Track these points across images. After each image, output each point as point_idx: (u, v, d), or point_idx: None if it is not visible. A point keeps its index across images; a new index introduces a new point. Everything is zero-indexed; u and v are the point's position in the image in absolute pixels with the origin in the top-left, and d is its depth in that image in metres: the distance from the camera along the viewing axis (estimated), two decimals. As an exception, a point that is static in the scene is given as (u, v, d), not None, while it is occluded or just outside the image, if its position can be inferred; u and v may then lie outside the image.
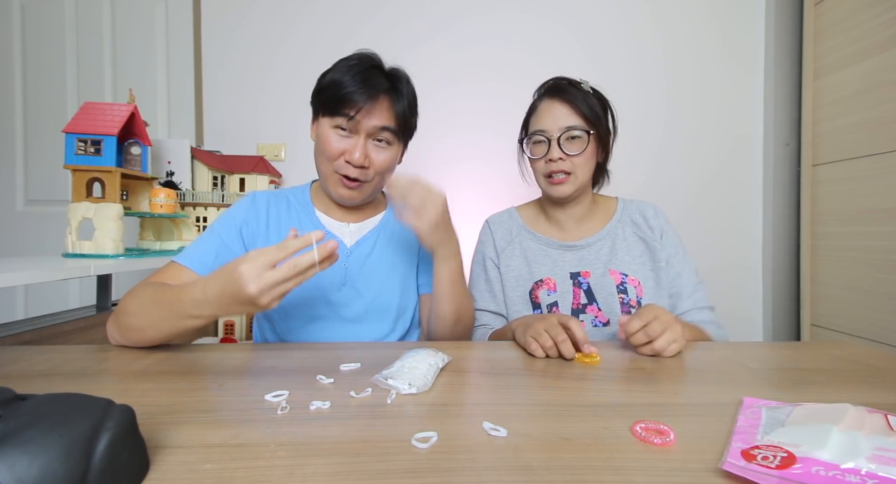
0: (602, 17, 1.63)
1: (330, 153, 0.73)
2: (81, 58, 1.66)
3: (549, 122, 0.81)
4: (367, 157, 0.73)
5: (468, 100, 1.61)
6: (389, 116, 0.74)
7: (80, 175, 0.97)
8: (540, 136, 0.81)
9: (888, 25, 1.24)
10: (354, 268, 0.79)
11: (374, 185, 0.78)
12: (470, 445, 0.35)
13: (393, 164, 0.79)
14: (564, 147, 0.79)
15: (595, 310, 0.81)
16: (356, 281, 0.79)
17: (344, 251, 0.79)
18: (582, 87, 0.82)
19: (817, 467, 0.29)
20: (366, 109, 0.71)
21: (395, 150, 0.77)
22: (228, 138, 1.60)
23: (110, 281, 1.02)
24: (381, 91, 0.72)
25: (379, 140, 0.75)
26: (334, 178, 0.75)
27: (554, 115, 0.80)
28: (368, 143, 0.74)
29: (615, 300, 0.80)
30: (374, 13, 1.62)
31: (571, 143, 0.80)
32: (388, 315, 0.81)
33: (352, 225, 0.82)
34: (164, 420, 0.39)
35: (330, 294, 0.78)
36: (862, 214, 1.32)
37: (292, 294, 0.57)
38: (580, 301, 0.82)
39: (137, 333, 0.62)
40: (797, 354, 0.63)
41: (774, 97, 1.60)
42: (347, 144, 0.73)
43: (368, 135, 0.73)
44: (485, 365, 0.57)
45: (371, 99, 0.71)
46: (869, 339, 1.29)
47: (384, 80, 0.73)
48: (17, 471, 0.24)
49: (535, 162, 0.84)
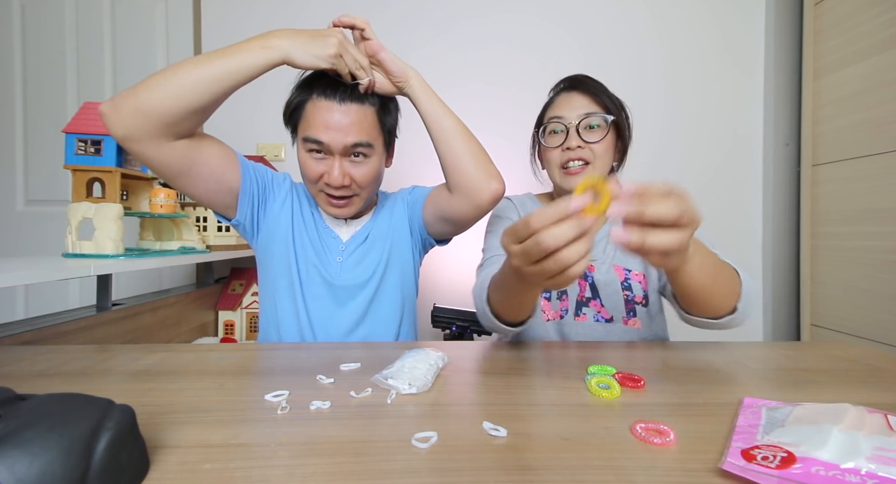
0: (601, 18, 1.63)
1: (310, 177, 0.75)
2: (81, 58, 1.66)
3: (567, 110, 0.78)
4: (347, 175, 0.73)
5: (468, 101, 1.61)
6: (359, 130, 0.71)
7: (80, 175, 0.97)
8: (557, 123, 0.78)
9: (888, 25, 1.24)
10: (350, 261, 0.83)
11: (364, 197, 0.79)
12: (470, 445, 0.35)
13: (377, 173, 0.78)
14: (583, 135, 0.76)
15: (598, 305, 0.80)
16: (354, 267, 0.83)
17: (339, 246, 0.83)
18: (602, 84, 0.81)
19: (817, 467, 0.29)
20: (334, 129, 0.70)
21: (375, 160, 0.76)
22: (228, 138, 1.57)
23: (110, 281, 1.02)
24: (347, 102, 0.70)
25: (356, 155, 0.73)
26: (322, 198, 0.78)
27: (573, 104, 0.78)
28: (345, 161, 0.73)
29: (619, 297, 0.79)
30: (374, 14, 1.62)
31: (591, 131, 0.77)
32: (394, 293, 0.84)
33: (349, 221, 0.86)
34: (164, 420, 0.39)
35: (332, 281, 0.82)
36: (862, 214, 1.32)
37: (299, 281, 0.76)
38: (584, 294, 0.80)
39: (156, 107, 0.62)
40: (797, 354, 0.63)
41: (774, 97, 1.60)
42: (325, 166, 0.73)
43: (343, 154, 0.72)
44: (485, 365, 0.57)
45: (337, 113, 0.70)
46: (869, 339, 1.29)
47: (344, 93, 0.71)
48: (17, 471, 0.24)
49: (551, 151, 0.80)
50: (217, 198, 0.76)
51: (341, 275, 0.82)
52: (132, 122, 0.63)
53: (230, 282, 1.56)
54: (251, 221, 0.81)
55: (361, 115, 0.72)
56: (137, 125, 0.63)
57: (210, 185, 0.73)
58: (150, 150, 0.66)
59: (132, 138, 0.64)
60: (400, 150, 0.88)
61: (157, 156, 0.66)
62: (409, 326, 0.88)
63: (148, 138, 0.64)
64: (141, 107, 0.62)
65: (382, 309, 0.83)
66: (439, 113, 0.74)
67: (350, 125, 0.71)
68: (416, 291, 0.91)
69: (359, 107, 0.72)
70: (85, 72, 1.66)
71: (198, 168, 0.70)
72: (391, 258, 0.84)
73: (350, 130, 0.71)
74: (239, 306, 1.49)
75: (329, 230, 0.84)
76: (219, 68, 0.63)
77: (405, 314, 0.86)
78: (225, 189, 0.75)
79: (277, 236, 0.82)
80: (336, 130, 0.70)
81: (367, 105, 0.73)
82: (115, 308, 1.01)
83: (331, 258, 0.82)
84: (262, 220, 0.82)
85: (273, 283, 0.83)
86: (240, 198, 0.77)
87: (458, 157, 0.73)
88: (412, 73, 0.74)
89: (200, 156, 0.70)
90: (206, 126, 1.60)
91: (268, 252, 0.83)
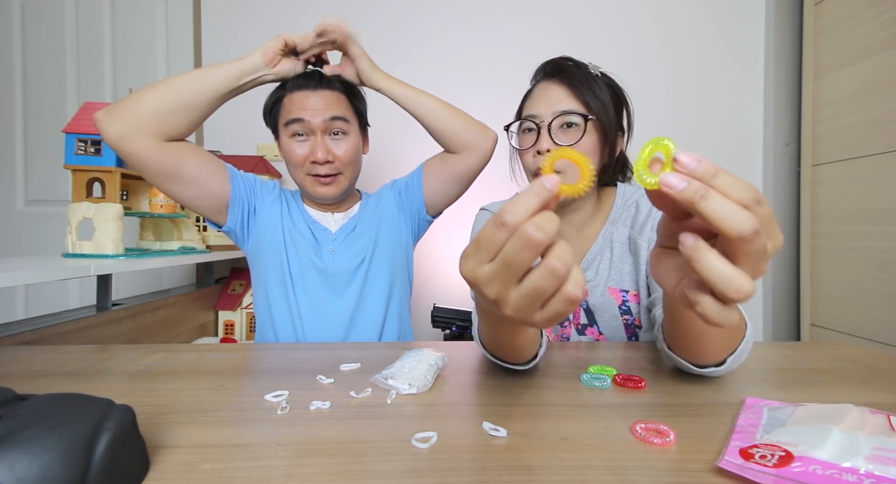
0: (601, 18, 1.63)
1: (296, 160, 0.81)
2: (81, 58, 1.66)
3: (542, 106, 0.67)
4: (329, 151, 0.80)
5: (468, 103, 1.60)
6: (336, 107, 0.80)
7: (80, 175, 0.97)
8: (530, 123, 0.67)
9: (888, 25, 1.24)
10: (341, 249, 0.87)
11: (349, 178, 0.85)
12: (470, 445, 0.35)
13: (357, 153, 0.85)
14: (556, 136, 0.65)
15: (595, 332, 0.73)
16: (345, 254, 0.87)
17: (329, 236, 0.88)
18: (588, 69, 0.68)
19: (815, 466, 0.29)
20: (311, 108, 0.78)
21: (353, 138, 0.83)
22: (228, 138, 1.60)
23: (110, 281, 1.02)
24: (317, 87, 0.79)
25: (335, 133, 0.81)
26: (309, 181, 0.83)
27: (549, 98, 0.66)
28: (326, 138, 0.80)
29: (618, 323, 0.71)
30: (374, 15, 1.62)
31: (565, 132, 0.65)
32: (383, 274, 0.88)
33: (336, 214, 0.90)
34: (164, 420, 0.39)
35: (325, 271, 0.85)
36: (862, 214, 1.32)
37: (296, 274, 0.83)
38: (580, 320, 0.73)
39: (149, 103, 0.69)
40: (797, 354, 0.63)
41: (774, 97, 1.60)
42: (308, 148, 0.80)
43: (323, 131, 0.80)
44: (485, 365, 0.57)
45: (312, 97, 0.78)
46: (869, 339, 1.29)
47: (314, 78, 0.80)
48: (17, 471, 0.24)
49: (524, 154, 0.70)
50: (206, 203, 0.79)
51: (334, 262, 0.86)
52: (126, 121, 0.68)
53: (230, 282, 1.56)
54: (242, 228, 0.84)
55: (335, 98, 0.80)
56: (130, 123, 0.68)
57: (199, 189, 0.77)
58: (142, 151, 0.70)
59: (125, 137, 0.69)
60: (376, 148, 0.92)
61: (150, 157, 0.71)
62: (399, 304, 0.91)
63: (140, 137, 0.69)
64: (135, 106, 0.69)
65: (373, 292, 0.88)
66: (415, 96, 0.81)
67: (326, 104, 0.79)
68: (411, 276, 0.96)
69: (330, 91, 0.80)
70: (85, 72, 1.66)
71: (187, 170, 0.74)
72: (378, 242, 0.89)
73: (327, 108, 0.79)
74: (239, 306, 1.49)
75: (318, 224, 0.88)
76: (207, 73, 0.73)
77: (394, 294, 0.90)
78: (213, 194, 0.79)
79: (268, 238, 0.85)
80: (314, 109, 0.78)
81: (337, 90, 0.81)
82: (115, 308, 1.01)
83: (324, 249, 0.87)
84: (252, 225, 0.85)
85: (266, 284, 0.86)
86: (231, 206, 0.81)
87: (451, 125, 0.83)
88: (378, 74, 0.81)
89: (190, 159, 0.75)
90: (208, 125, 1.61)
91: (259, 255, 0.86)
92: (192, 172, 0.75)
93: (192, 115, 0.72)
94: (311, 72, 0.80)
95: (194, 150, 0.76)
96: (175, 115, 0.70)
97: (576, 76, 0.66)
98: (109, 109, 0.69)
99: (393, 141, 1.57)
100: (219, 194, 0.79)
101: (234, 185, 0.81)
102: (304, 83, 0.79)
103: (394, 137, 1.55)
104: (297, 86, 0.79)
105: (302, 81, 0.79)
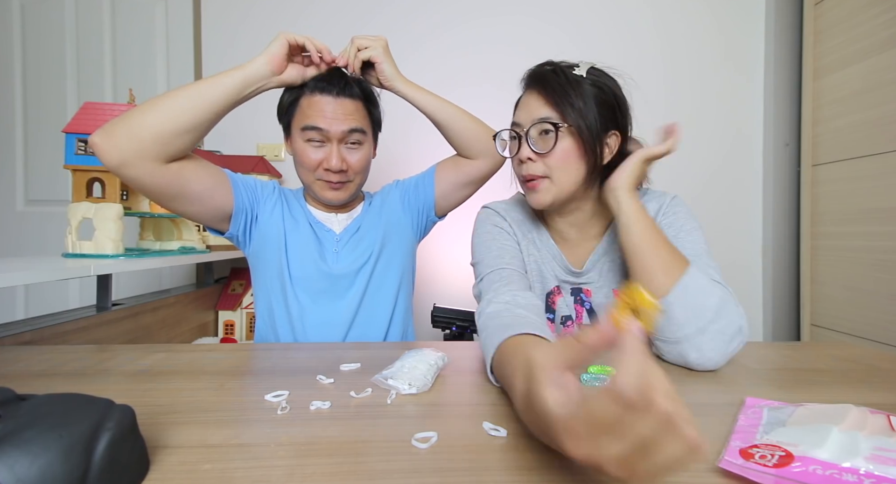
0: (601, 18, 1.63)
1: (309, 164, 0.80)
2: (81, 58, 1.66)
3: (522, 115, 0.67)
4: (344, 160, 0.79)
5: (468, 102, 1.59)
6: (354, 118, 0.79)
7: (80, 175, 0.97)
8: (513, 131, 0.68)
9: (888, 25, 1.24)
10: (346, 251, 0.87)
11: (358, 184, 0.85)
12: (470, 445, 0.35)
13: (369, 161, 0.85)
14: (535, 144, 0.64)
15: None
16: (349, 255, 0.87)
17: (333, 238, 0.87)
18: (573, 72, 0.66)
19: (815, 466, 0.29)
20: (330, 117, 0.77)
21: (367, 147, 0.83)
22: (228, 138, 1.60)
23: (110, 281, 1.02)
24: (341, 96, 0.78)
25: (351, 143, 0.80)
26: (319, 185, 0.82)
27: (528, 106, 0.67)
28: (342, 147, 0.79)
29: None
30: (374, 15, 1.62)
31: (543, 139, 0.65)
32: (390, 275, 0.88)
33: (340, 215, 0.89)
34: (164, 420, 0.39)
35: (329, 273, 0.85)
36: (862, 214, 1.32)
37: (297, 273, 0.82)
38: (583, 321, 0.73)
39: (149, 127, 0.65)
40: (797, 354, 0.63)
41: (774, 97, 1.60)
42: (323, 154, 0.79)
43: (340, 140, 0.79)
44: (485, 365, 0.57)
45: (332, 105, 0.77)
46: (869, 339, 1.29)
47: (337, 83, 0.78)
48: (17, 471, 0.24)
49: (512, 161, 0.70)
50: (209, 216, 0.79)
51: (338, 264, 0.86)
52: (126, 146, 0.65)
53: (230, 282, 1.56)
54: (244, 233, 0.84)
55: (354, 107, 0.79)
56: (132, 148, 0.65)
57: (203, 205, 0.76)
58: (145, 176, 0.67)
59: (127, 163, 0.65)
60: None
61: (152, 181, 0.68)
62: (405, 300, 0.92)
63: (142, 162, 0.66)
64: (134, 129, 0.65)
65: (381, 292, 0.88)
66: (437, 104, 0.83)
67: (346, 114, 0.78)
68: (414, 275, 0.97)
69: (350, 100, 0.79)
70: (85, 72, 1.66)
71: (191, 188, 0.73)
72: (385, 242, 0.89)
73: (346, 119, 0.78)
74: (239, 306, 1.49)
75: (322, 225, 0.87)
76: (209, 87, 0.69)
77: (401, 294, 0.90)
78: (216, 208, 0.78)
79: (270, 242, 0.84)
80: (333, 119, 0.77)
81: (357, 99, 0.80)
82: (115, 308, 1.01)
83: (328, 251, 0.86)
84: (254, 231, 0.84)
85: (267, 286, 0.85)
86: (234, 215, 0.80)
87: (469, 131, 0.85)
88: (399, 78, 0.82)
89: (193, 177, 0.73)
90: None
91: (261, 258, 0.85)
92: (196, 190, 0.73)
93: (196, 134, 0.70)
94: (333, 72, 0.78)
95: (196, 167, 0.73)
96: (178, 138, 0.67)
97: (551, 84, 0.65)
98: (106, 132, 0.65)
99: (395, 142, 1.57)
100: (222, 207, 0.78)
101: (237, 196, 0.79)
102: (325, 87, 0.77)
103: (395, 139, 1.55)
104: (317, 88, 0.77)
105: (323, 85, 0.77)
